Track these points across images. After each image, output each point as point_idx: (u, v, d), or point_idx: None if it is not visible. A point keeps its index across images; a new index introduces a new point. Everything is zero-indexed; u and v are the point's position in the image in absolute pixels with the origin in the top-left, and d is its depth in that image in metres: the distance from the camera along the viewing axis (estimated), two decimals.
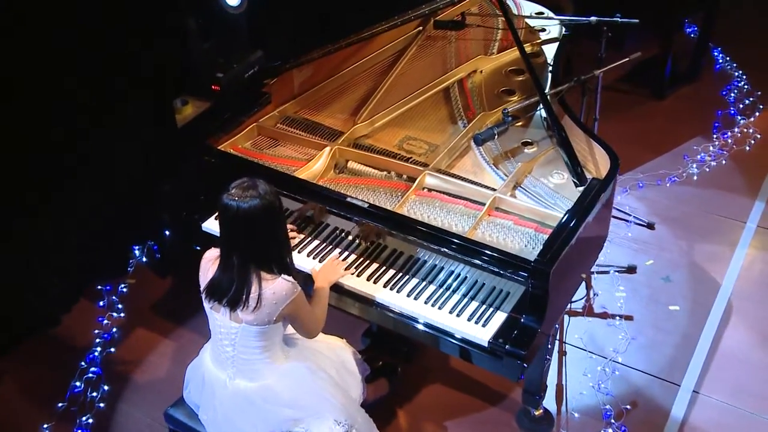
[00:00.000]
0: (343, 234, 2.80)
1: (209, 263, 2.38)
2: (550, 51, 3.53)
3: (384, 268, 2.70)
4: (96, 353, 3.34)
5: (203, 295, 2.36)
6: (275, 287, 2.28)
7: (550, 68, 3.38)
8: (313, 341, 2.60)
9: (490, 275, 2.55)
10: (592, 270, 3.79)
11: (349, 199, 2.72)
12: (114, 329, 3.48)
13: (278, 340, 2.41)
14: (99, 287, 3.63)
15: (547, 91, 3.14)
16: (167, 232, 3.12)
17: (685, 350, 3.38)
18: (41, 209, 3.33)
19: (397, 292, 2.63)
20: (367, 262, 2.73)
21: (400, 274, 2.68)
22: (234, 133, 3.09)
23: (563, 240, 2.50)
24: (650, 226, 4.05)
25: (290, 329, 2.53)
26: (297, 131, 3.15)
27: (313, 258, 2.76)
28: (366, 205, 2.67)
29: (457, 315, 2.54)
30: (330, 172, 2.97)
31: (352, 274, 2.68)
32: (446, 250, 2.57)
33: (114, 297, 3.62)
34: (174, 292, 3.66)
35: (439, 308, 2.58)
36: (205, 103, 3.94)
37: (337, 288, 2.67)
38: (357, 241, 2.76)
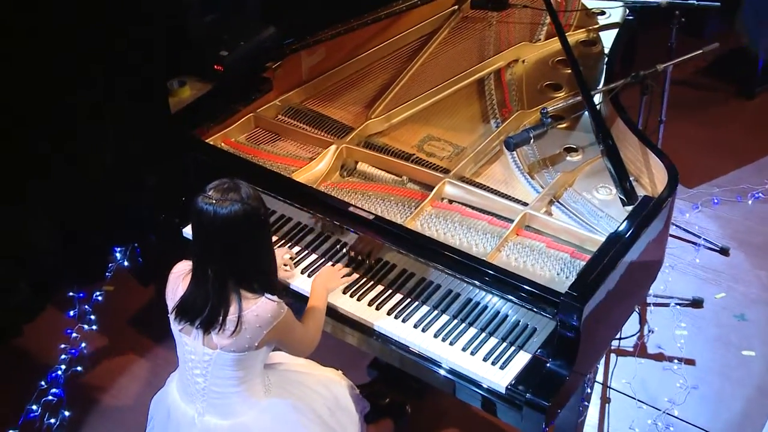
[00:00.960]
0: (344, 249, 2.77)
1: (179, 279, 2.35)
2: (610, 39, 3.48)
3: (389, 291, 2.68)
4: (59, 372, 3.34)
5: (172, 316, 2.33)
6: (258, 308, 2.26)
7: (606, 60, 3.33)
8: (302, 373, 2.58)
9: (514, 307, 2.51)
10: (648, 301, 3.68)
11: (351, 209, 2.69)
12: (83, 344, 3.48)
13: (258, 371, 2.38)
14: (70, 294, 3.62)
15: (600, 87, 3.08)
16: (152, 235, 3.17)
17: (760, 406, 3.25)
18: (5, 199, 3.32)
19: (403, 321, 2.60)
20: (371, 283, 2.70)
21: (408, 300, 2.65)
22: (227, 123, 3.08)
23: (602, 270, 2.43)
24: (724, 251, 3.92)
25: (273, 357, 2.51)
26: (300, 125, 3.14)
27: (308, 276, 2.75)
28: (371, 217, 2.65)
29: (472, 353, 2.49)
30: (335, 174, 2.96)
31: (352, 296, 2.67)
32: (462, 275, 2.53)
33: (87, 306, 3.61)
34: (155, 304, 3.65)
35: (451, 344, 2.54)
36: (206, 85, 3.91)
37: (332, 313, 2.64)
38: (359, 258, 2.73)
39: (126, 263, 3.77)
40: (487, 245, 2.64)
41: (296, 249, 2.84)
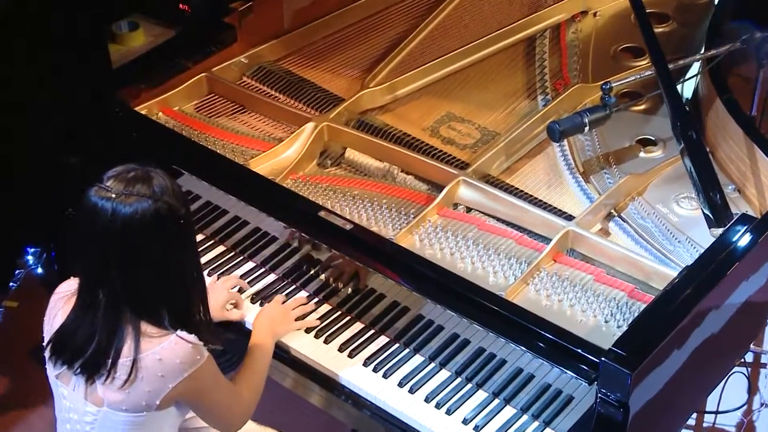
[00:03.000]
0: (313, 270, 2.74)
1: (60, 302, 2.31)
2: None
3: (369, 333, 2.65)
4: None
5: (46, 354, 2.28)
6: (164, 351, 2.20)
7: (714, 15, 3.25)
8: None
9: (542, 365, 2.44)
10: (763, 360, 3.57)
11: (322, 215, 2.66)
12: None
13: None
14: None
15: (701, 55, 3.00)
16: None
17: None
18: None
19: (384, 376, 2.55)
20: (345, 320, 2.68)
21: (394, 347, 2.62)
22: (168, 85, 3.09)
23: (669, 318, 2.34)
24: None
25: (194, 420, 2.48)
26: (272, 92, 3.16)
27: (260, 305, 2.73)
28: (348, 227, 2.62)
29: (476, 429, 2.43)
30: (310, 163, 2.96)
31: (317, 337, 2.64)
32: (470, 316, 2.49)
33: None
34: None
35: (448, 412, 2.47)
36: (166, 31, 3.83)
37: (285, 357, 2.62)
38: (331, 283, 2.71)
39: (39, 270, 3.69)
40: (510, 274, 2.60)
41: (249, 266, 2.83)
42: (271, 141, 2.98)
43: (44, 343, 2.32)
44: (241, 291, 2.75)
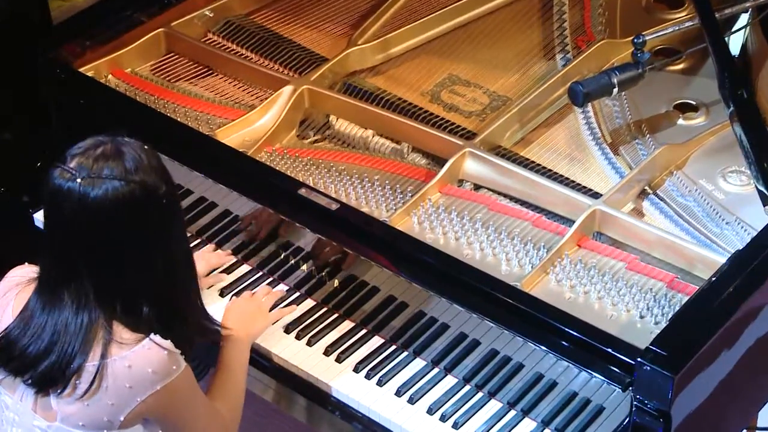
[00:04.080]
0: (293, 260, 2.76)
1: (13, 292, 2.30)
2: None
3: (360, 334, 2.67)
4: None
5: None
6: (135, 357, 2.19)
7: None
8: None
9: (566, 370, 2.45)
10: None
11: (303, 192, 2.67)
12: None
13: None
14: None
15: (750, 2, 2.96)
16: None
17: None
18: None
19: (379, 383, 2.56)
20: (331, 318, 2.70)
21: (390, 350, 2.63)
22: (119, 42, 3.11)
23: (716, 312, 2.34)
24: None
25: None
26: (242, 50, 3.18)
27: (230, 299, 2.75)
28: (334, 207, 2.63)
29: None
30: (289, 134, 2.98)
31: (299, 338, 2.66)
32: (479, 311, 2.50)
33: None
34: None
35: (455, 426, 2.47)
36: None
37: (260, 362, 2.63)
38: (315, 274, 2.72)
39: None
40: (527, 262, 2.60)
41: (210, 245, 2.89)
42: (241, 108, 3.00)
43: None
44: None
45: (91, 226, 2.14)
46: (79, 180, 2.12)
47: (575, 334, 2.38)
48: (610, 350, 2.34)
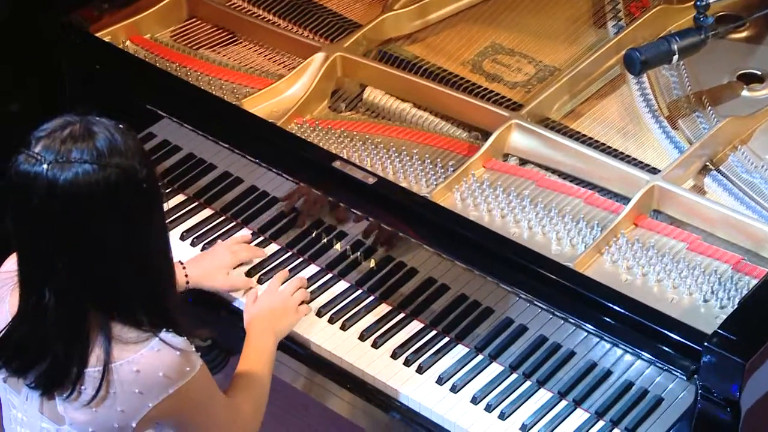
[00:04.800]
0: (325, 239, 2.75)
1: (8, 287, 2.25)
2: None
3: (398, 318, 2.65)
4: None
5: None
6: (143, 360, 2.14)
7: None
8: None
9: (623, 357, 2.45)
10: None
11: (338, 165, 2.66)
12: None
13: None
14: None
15: None
16: None
17: None
18: None
19: (419, 371, 2.54)
20: (366, 300, 2.68)
21: (430, 335, 2.61)
22: (138, 7, 3.11)
23: None
24: None
25: None
26: (269, 16, 3.18)
27: (257, 281, 2.74)
28: (371, 181, 2.62)
29: None
30: (320, 104, 2.96)
31: (332, 322, 2.63)
32: (528, 293, 2.48)
33: None
34: None
35: (501, 417, 2.44)
36: None
37: (289, 346, 2.60)
38: (349, 255, 2.72)
39: None
40: (579, 241, 2.57)
41: (244, 233, 2.85)
42: (268, 77, 3.00)
43: None
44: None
45: (63, 217, 2.07)
46: (45, 166, 2.04)
47: (635, 317, 2.35)
48: (673, 335, 2.31)
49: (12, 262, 2.28)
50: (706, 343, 2.21)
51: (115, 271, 2.12)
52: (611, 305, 2.36)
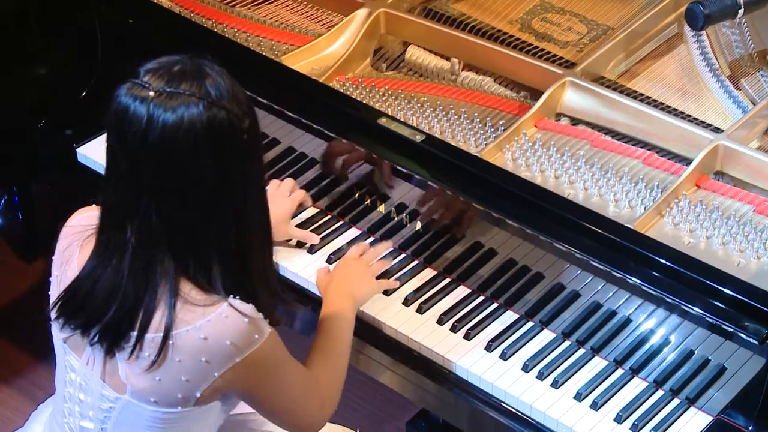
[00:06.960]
0: (377, 205, 2.75)
1: (78, 241, 2.26)
2: None
3: (451, 287, 2.64)
4: None
5: (52, 314, 2.25)
6: (210, 327, 2.13)
7: None
8: None
9: (684, 323, 2.43)
10: None
11: (383, 122, 2.65)
12: None
13: None
14: None
15: None
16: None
17: None
18: None
19: (488, 350, 2.53)
20: (414, 265, 2.68)
21: (491, 308, 2.60)
22: None
23: None
24: None
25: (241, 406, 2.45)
26: None
27: (308, 252, 2.76)
28: (418, 139, 2.61)
29: (594, 406, 2.40)
30: (363, 62, 2.98)
31: (407, 305, 2.61)
32: (587, 255, 2.46)
33: None
34: (43, 292, 3.48)
35: (555, 385, 2.44)
36: None
37: (369, 333, 2.60)
38: (415, 226, 2.71)
39: None
40: (638, 203, 2.56)
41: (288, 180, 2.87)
42: (308, 35, 3.03)
43: (52, 296, 2.29)
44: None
45: (158, 154, 2.07)
46: (151, 93, 2.05)
47: (701, 279, 2.34)
48: (744, 298, 2.29)
49: (79, 217, 2.30)
50: None
51: (199, 218, 2.12)
52: (679, 268, 2.35)
